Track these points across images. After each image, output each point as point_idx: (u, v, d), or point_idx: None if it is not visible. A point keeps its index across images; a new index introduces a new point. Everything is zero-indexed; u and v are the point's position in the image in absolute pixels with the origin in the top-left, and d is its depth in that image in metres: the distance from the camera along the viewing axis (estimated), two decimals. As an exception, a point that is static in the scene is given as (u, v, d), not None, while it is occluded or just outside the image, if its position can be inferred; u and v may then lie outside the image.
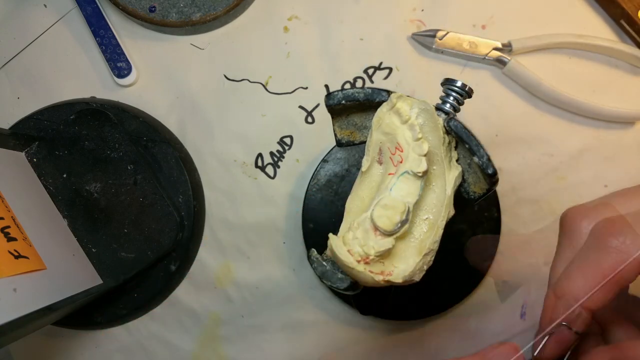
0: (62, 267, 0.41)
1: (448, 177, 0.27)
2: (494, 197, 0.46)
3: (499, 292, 0.47)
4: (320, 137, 0.49)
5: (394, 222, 0.26)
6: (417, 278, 0.28)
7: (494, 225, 0.46)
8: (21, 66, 0.52)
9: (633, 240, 0.25)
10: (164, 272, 0.48)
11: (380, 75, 0.49)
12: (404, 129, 0.26)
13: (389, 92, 0.27)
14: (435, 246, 0.28)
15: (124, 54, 0.50)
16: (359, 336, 0.48)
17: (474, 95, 0.29)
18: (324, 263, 0.27)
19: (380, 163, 0.28)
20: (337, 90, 0.28)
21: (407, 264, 0.27)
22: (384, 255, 0.26)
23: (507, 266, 0.47)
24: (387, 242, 0.26)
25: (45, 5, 0.52)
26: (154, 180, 0.46)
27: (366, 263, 0.26)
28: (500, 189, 0.47)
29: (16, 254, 0.37)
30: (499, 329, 0.47)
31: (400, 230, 0.26)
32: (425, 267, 0.28)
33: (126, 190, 0.46)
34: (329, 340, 0.48)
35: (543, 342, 0.26)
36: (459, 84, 0.28)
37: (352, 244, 0.26)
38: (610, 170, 0.47)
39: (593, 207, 0.28)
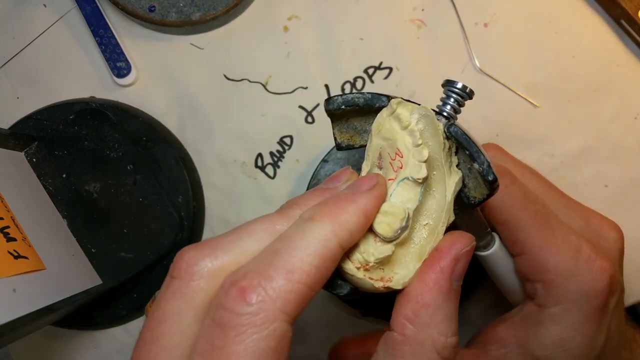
0: (62, 268, 0.41)
1: (448, 183, 0.27)
2: (494, 197, 0.46)
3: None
4: (320, 137, 0.49)
5: (393, 229, 0.26)
6: (417, 284, 0.28)
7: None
8: (21, 66, 0.52)
9: None
10: (163, 272, 0.48)
11: (380, 75, 0.49)
12: (404, 135, 0.26)
13: (389, 97, 0.27)
14: None
15: (123, 53, 0.50)
16: (359, 336, 0.48)
17: (474, 96, 0.29)
18: (324, 269, 0.27)
19: (380, 168, 0.28)
20: (337, 95, 0.28)
21: (407, 270, 0.26)
22: (384, 261, 0.26)
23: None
24: (387, 249, 0.26)
25: (44, 5, 0.52)
26: (154, 181, 0.46)
27: (366, 270, 0.26)
28: (500, 189, 0.47)
29: (16, 254, 0.37)
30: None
31: (400, 237, 0.26)
32: (425, 272, 0.28)
33: (126, 190, 0.46)
34: (329, 340, 0.48)
35: None
36: (459, 85, 0.27)
37: (351, 251, 0.26)
38: (610, 170, 0.47)
39: None
